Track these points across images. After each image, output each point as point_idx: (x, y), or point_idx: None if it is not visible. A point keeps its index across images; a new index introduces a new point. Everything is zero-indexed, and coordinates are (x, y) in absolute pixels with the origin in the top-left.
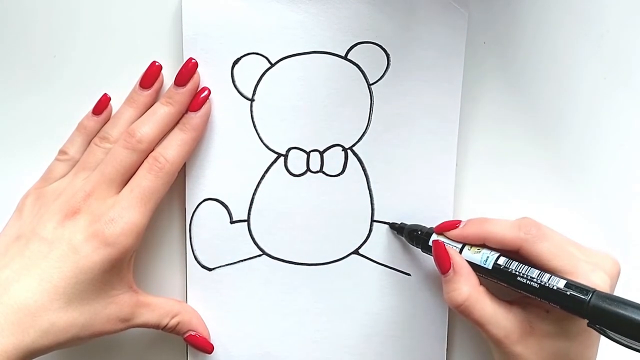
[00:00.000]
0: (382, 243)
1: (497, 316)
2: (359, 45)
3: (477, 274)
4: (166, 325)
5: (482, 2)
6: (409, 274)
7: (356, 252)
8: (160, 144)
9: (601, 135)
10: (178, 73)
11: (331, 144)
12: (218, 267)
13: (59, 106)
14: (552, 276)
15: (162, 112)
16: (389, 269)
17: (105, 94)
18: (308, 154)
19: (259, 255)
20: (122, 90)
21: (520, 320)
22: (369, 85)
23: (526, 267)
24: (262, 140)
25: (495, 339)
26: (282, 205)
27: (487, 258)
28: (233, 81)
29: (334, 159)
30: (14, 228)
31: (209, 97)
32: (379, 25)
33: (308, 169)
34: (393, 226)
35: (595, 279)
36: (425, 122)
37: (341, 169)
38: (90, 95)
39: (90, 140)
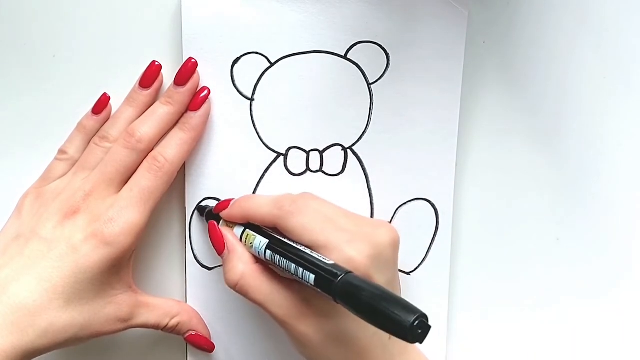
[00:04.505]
0: None
1: (274, 295)
2: (358, 45)
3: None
4: (166, 326)
5: (482, 2)
6: (408, 274)
7: None
8: (159, 144)
9: (601, 134)
10: (178, 72)
11: (331, 144)
12: (217, 266)
13: (58, 106)
14: (305, 270)
15: (161, 111)
16: None
17: (104, 94)
18: (308, 153)
19: None
20: (121, 89)
21: (299, 298)
22: (369, 84)
23: (284, 259)
24: (261, 140)
25: (276, 318)
26: None
27: (259, 244)
28: (233, 80)
29: (333, 159)
30: (13, 227)
31: (209, 97)
32: (379, 25)
33: (308, 169)
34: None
35: (350, 251)
36: (425, 121)
37: (341, 169)
38: (90, 95)
39: (90, 140)
